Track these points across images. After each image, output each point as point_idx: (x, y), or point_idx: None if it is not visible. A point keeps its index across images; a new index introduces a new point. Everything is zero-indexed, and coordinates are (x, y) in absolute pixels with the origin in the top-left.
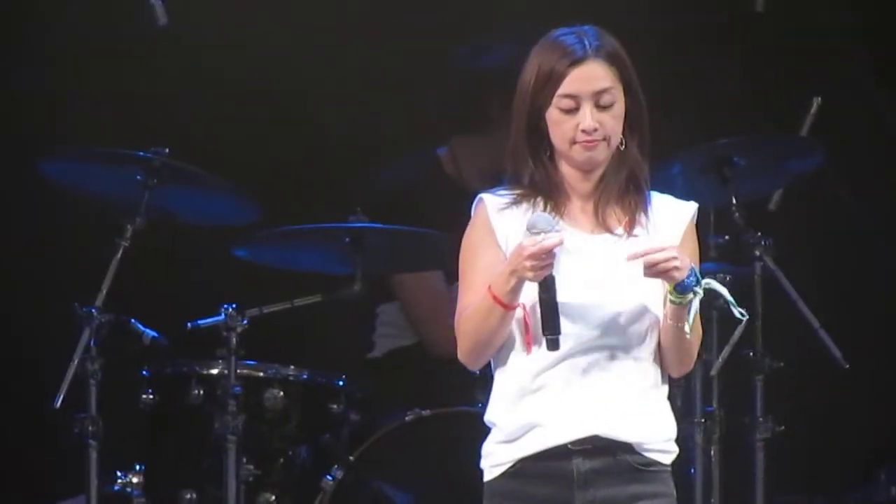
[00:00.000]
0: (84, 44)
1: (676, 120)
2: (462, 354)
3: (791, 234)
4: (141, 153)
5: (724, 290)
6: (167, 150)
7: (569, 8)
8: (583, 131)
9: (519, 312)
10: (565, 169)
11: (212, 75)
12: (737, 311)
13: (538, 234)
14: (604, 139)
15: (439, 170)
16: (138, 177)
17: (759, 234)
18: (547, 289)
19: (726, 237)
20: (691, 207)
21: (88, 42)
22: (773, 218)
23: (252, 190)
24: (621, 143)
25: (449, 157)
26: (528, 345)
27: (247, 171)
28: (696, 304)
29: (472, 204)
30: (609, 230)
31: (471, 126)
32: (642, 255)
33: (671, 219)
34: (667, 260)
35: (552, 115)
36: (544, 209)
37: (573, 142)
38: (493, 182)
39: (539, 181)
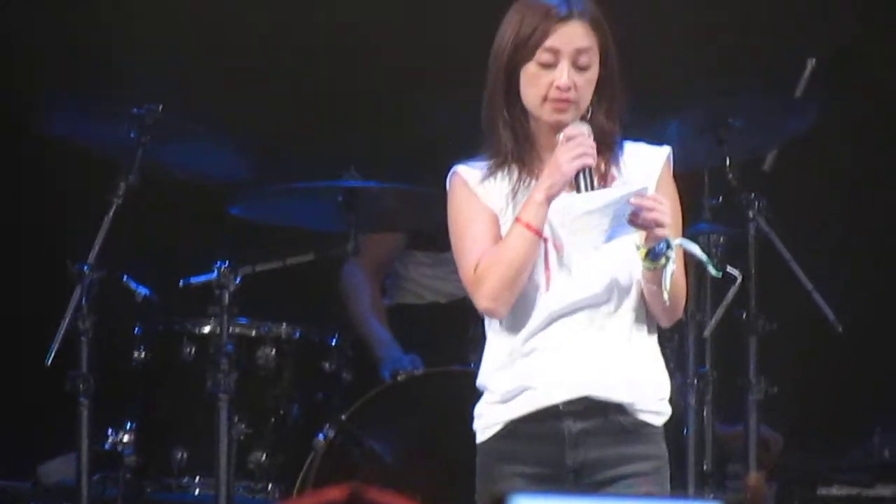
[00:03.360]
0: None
1: (671, 81)
2: (487, 297)
3: (785, 195)
4: (134, 109)
5: (697, 250)
6: (161, 107)
7: None
8: (557, 87)
9: (541, 247)
10: (536, 132)
11: (208, 32)
12: (711, 269)
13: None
14: (574, 101)
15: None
16: (132, 133)
17: (753, 195)
18: (585, 183)
19: (720, 198)
20: (664, 151)
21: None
22: (767, 179)
23: (247, 147)
24: (588, 111)
25: None
26: (548, 281)
27: (241, 128)
28: (670, 268)
29: None
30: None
31: None
32: (645, 204)
33: (644, 164)
34: (655, 210)
35: (529, 69)
36: (519, 178)
37: (545, 99)
38: None
39: (514, 142)
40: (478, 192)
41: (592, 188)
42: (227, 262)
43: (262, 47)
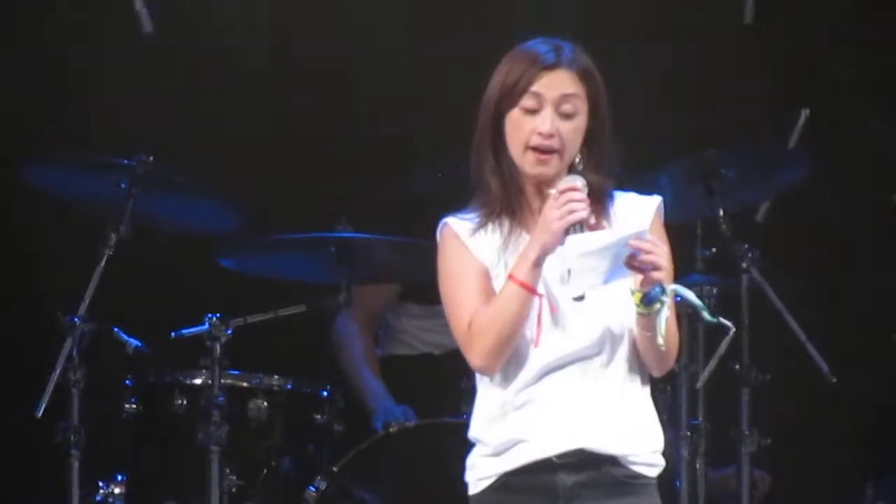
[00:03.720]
0: (70, 49)
1: (664, 131)
2: (481, 356)
3: (778, 246)
4: (125, 160)
5: (691, 295)
6: (151, 158)
7: (560, 20)
8: (539, 133)
9: (535, 302)
10: (525, 182)
11: (198, 83)
12: (706, 314)
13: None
14: (556, 151)
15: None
16: (122, 184)
17: (747, 246)
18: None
19: (713, 249)
20: (654, 200)
21: (74, 47)
22: (760, 230)
23: (237, 198)
24: (578, 163)
25: None
26: (538, 336)
27: (232, 180)
28: (664, 313)
29: None
30: None
31: None
32: (643, 246)
33: (635, 214)
34: (653, 253)
35: (513, 115)
36: (510, 230)
37: (527, 146)
38: None
39: (503, 191)
40: (469, 244)
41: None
42: (218, 314)
43: (253, 97)
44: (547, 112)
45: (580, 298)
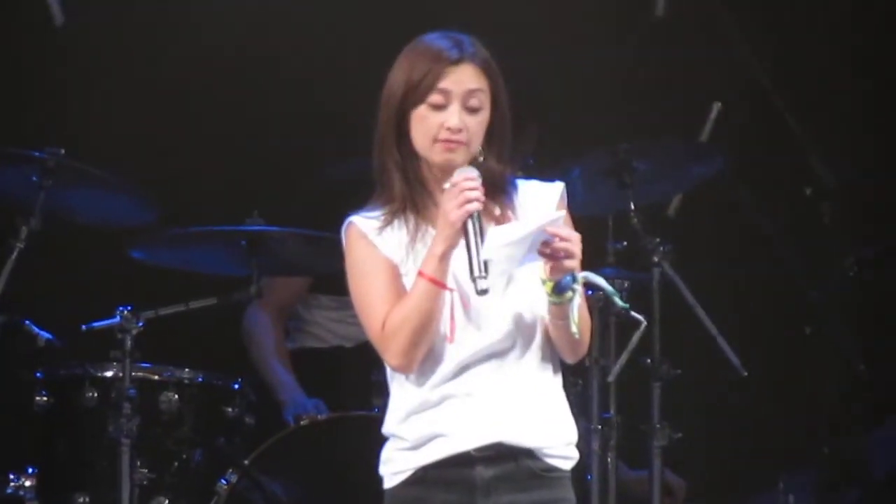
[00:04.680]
0: None
1: (576, 124)
2: (398, 355)
3: (689, 239)
4: (36, 153)
5: (602, 282)
6: (63, 151)
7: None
8: (448, 128)
9: (447, 297)
10: (428, 175)
11: (110, 73)
12: (618, 300)
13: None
14: (465, 143)
15: None
16: (34, 177)
17: (658, 239)
18: (474, 229)
19: (625, 243)
20: (557, 187)
21: None
22: (671, 224)
23: (149, 191)
24: (480, 154)
25: None
26: (453, 331)
27: (144, 172)
28: (576, 301)
29: None
30: None
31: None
32: (559, 234)
33: (539, 201)
34: (569, 240)
35: (419, 112)
36: (416, 226)
37: (435, 140)
38: None
39: (406, 186)
40: (376, 242)
41: (482, 234)
42: (129, 306)
43: (166, 89)
44: (454, 107)
45: (484, 292)
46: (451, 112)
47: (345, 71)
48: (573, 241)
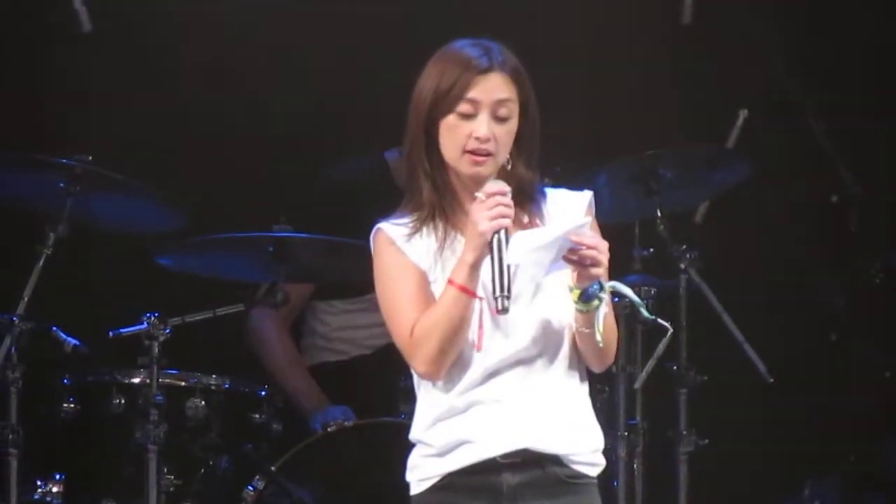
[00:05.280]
0: (7, 47)
1: (602, 131)
2: (426, 362)
3: (717, 246)
4: (64, 160)
5: (629, 291)
6: (90, 158)
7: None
8: (476, 138)
9: (475, 304)
10: (457, 184)
11: (136, 80)
12: (644, 311)
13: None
14: (493, 153)
15: (386, 175)
16: (61, 184)
17: (685, 246)
18: (499, 246)
19: (651, 250)
20: (586, 195)
21: (12, 45)
22: (698, 230)
23: (176, 197)
24: (508, 162)
25: (398, 162)
26: (480, 339)
27: (171, 179)
28: (603, 310)
29: None
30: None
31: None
32: (585, 241)
33: (566, 210)
34: (595, 248)
35: (448, 121)
36: (444, 233)
37: (464, 150)
38: None
39: (436, 194)
40: (405, 249)
41: (507, 247)
42: (156, 313)
43: (192, 96)
44: (483, 116)
45: (504, 311)
46: (479, 121)
47: (378, 74)
48: (600, 249)
